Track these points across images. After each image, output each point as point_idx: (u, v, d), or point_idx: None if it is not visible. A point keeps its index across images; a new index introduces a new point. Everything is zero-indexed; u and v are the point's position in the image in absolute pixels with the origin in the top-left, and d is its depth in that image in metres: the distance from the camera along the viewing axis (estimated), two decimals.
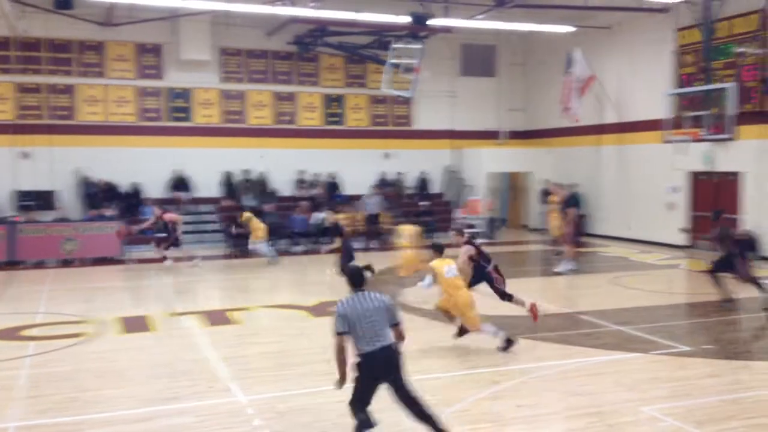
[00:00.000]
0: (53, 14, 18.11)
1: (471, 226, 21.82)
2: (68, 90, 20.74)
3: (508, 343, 8.93)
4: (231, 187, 21.81)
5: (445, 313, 9.30)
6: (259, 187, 21.89)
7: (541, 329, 10.02)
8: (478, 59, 25.28)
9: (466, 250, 9.91)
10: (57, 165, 19.95)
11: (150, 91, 21.58)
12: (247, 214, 17.81)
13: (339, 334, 5.73)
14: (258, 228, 17.49)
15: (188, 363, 8.66)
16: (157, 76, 21.62)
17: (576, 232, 16.59)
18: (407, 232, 13.61)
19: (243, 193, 21.49)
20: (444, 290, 9.04)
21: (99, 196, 19.84)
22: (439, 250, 9.30)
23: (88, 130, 20.77)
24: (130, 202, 20.17)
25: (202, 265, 16.69)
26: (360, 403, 5.75)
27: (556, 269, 15.53)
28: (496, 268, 10.04)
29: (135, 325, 10.82)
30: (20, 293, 13.87)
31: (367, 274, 6.00)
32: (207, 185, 21.58)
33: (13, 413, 6.94)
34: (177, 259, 16.77)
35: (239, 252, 19.07)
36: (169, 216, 16.88)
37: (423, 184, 24.28)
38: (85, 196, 19.89)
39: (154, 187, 20.88)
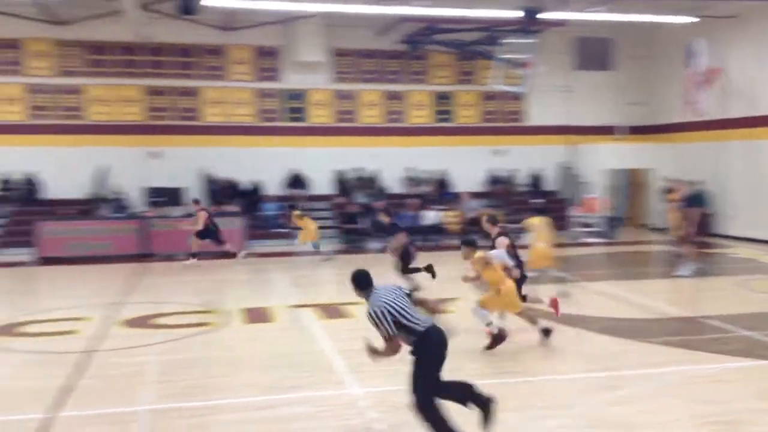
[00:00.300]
0: (179, 20, 19.14)
1: (588, 225, 21.28)
2: (192, 92, 21.89)
3: (496, 340, 8.68)
4: (343, 184, 22.29)
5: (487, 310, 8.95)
6: (369, 184, 22.26)
7: (662, 333, 9.62)
8: (594, 53, 24.50)
9: (501, 242, 9.57)
10: (183, 163, 21.13)
11: (267, 92, 22.41)
12: (297, 212, 17.73)
13: (393, 336, 5.63)
14: (309, 228, 17.41)
15: (306, 354, 8.95)
16: (274, 78, 22.41)
17: (699, 231, 15.76)
18: (537, 224, 12.32)
19: (354, 191, 21.92)
20: (492, 283, 8.73)
21: (221, 193, 20.83)
22: (472, 245, 8.96)
23: (211, 131, 21.84)
24: (250, 199, 21.05)
25: (245, 259, 17.02)
26: (433, 391, 5.58)
27: (677, 272, 14.81)
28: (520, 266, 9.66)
29: (257, 316, 11.29)
30: (152, 284, 14.77)
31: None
32: (321, 183, 22.17)
33: (144, 397, 7.40)
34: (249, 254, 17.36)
35: (353, 247, 19.46)
36: (203, 213, 16.83)
37: (536, 181, 23.84)
38: (209, 193, 20.93)
39: (272, 185, 21.70)
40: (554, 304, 9.64)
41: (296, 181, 21.98)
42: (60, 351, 9.11)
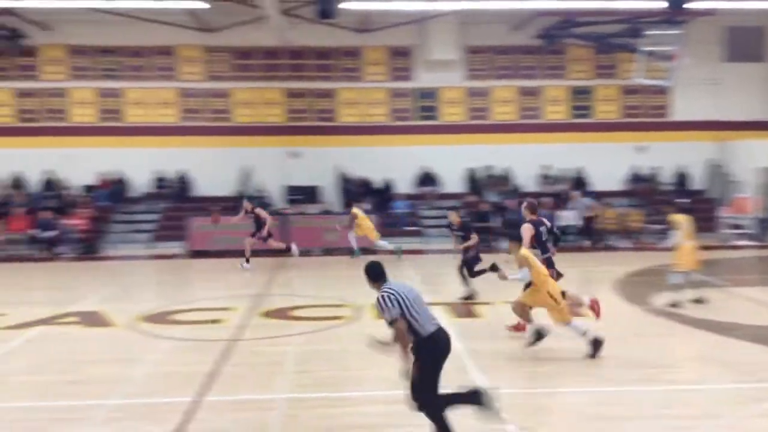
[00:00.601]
0: (317, 24, 19.82)
1: (738, 227, 19.89)
2: (329, 94, 22.59)
3: (595, 345, 8.22)
4: (474, 182, 22.16)
5: (523, 312, 8.75)
6: (502, 182, 21.98)
7: None
8: (745, 43, 22.78)
9: (524, 228, 9.18)
10: (320, 163, 21.86)
11: (400, 92, 22.70)
12: (354, 210, 17.40)
13: (397, 318, 5.48)
14: (365, 226, 17.15)
15: None
16: (406, 77, 22.66)
17: None
18: (683, 221, 11.54)
19: (486, 189, 21.73)
20: (535, 280, 8.44)
21: (355, 191, 21.36)
22: (518, 239, 8.74)
23: (346, 131, 22.43)
24: (382, 197, 21.44)
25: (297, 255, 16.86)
26: (435, 389, 5.51)
27: None
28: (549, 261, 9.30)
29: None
30: (290, 277, 15.42)
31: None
32: (452, 181, 22.17)
33: (282, 385, 7.74)
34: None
35: (484, 247, 19.27)
36: (259, 211, 16.65)
37: (681, 179, 22.54)
38: (344, 192, 21.52)
39: (404, 183, 21.97)
40: (595, 305, 9.09)
41: (427, 179, 22.13)
42: (207, 339, 9.72)
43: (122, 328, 10.47)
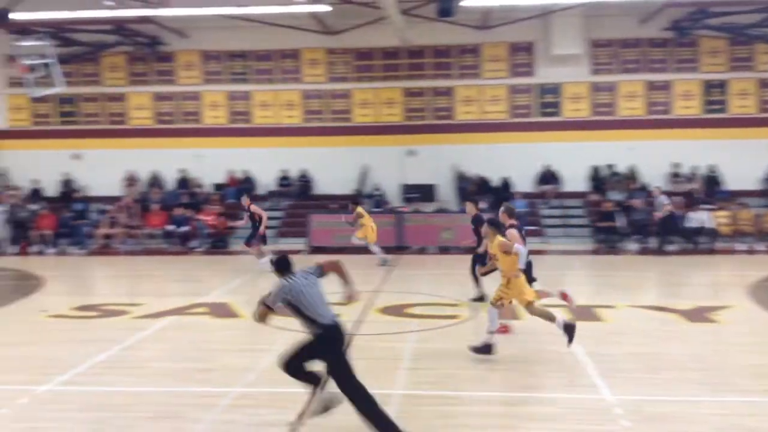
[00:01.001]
0: (437, 23, 19.85)
1: None
2: (448, 92, 22.57)
3: (568, 329, 8.21)
4: (598, 181, 21.43)
5: (500, 305, 8.61)
6: (627, 181, 21.12)
7: None
8: None
9: (511, 233, 8.98)
10: (437, 161, 21.92)
11: (521, 88, 22.32)
12: (358, 210, 16.66)
13: (271, 306, 6.12)
14: (368, 226, 16.35)
15: (554, 354, 8.79)
16: (528, 73, 22.25)
17: None
18: None
19: (610, 188, 20.97)
20: (505, 273, 8.47)
21: (472, 189, 21.22)
22: (497, 227, 8.72)
23: (464, 129, 22.34)
24: (500, 196, 21.14)
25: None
26: (299, 364, 6.17)
27: None
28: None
29: (504, 311, 11.31)
30: (405, 275, 15.57)
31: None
32: (574, 179, 21.57)
33: (398, 381, 7.83)
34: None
35: (608, 248, 18.67)
36: (254, 208, 16.13)
37: None
38: (460, 190, 21.45)
39: (522, 181, 21.59)
40: (564, 296, 9.42)
41: (548, 177, 21.63)
42: None
43: (248, 320, 10.96)
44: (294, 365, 6.23)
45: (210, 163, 22.55)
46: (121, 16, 18.99)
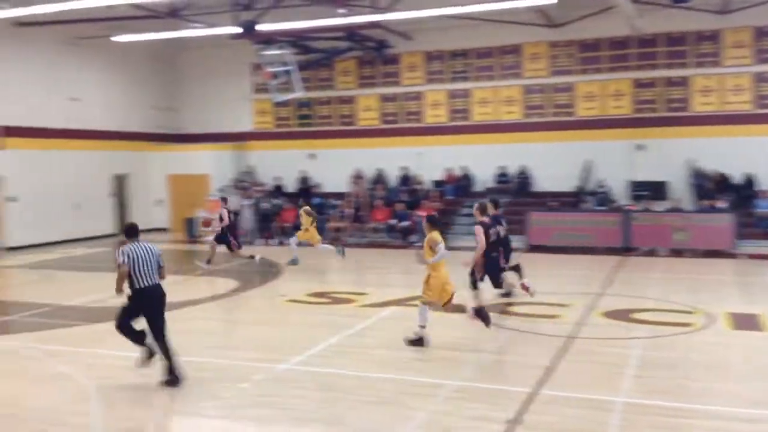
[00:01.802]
0: (671, 9, 18.52)
1: None
2: (682, 82, 20.97)
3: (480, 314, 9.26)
4: None
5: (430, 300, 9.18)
6: None
7: None
8: None
9: (476, 230, 10.33)
10: (668, 156, 20.48)
11: (767, 76, 20.11)
12: (302, 211, 16.63)
13: (123, 263, 7.52)
14: (311, 231, 16.37)
15: None
16: None
17: None
18: None
19: None
20: (430, 268, 9.08)
21: (710, 187, 19.55)
22: (433, 223, 9.30)
23: (700, 121, 20.61)
24: (742, 194, 19.25)
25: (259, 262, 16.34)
26: (128, 322, 7.69)
27: None
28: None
29: (744, 322, 10.37)
30: (631, 278, 14.75)
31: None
32: None
33: (620, 388, 7.47)
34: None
35: None
36: (223, 212, 16.38)
37: None
38: (696, 187, 19.84)
39: None
40: (525, 287, 11.10)
41: None
42: (544, 333, 9.84)
43: (465, 316, 11.11)
44: (121, 323, 7.71)
45: (429, 160, 23.17)
46: (353, 23, 20.18)
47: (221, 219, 16.39)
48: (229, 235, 16.39)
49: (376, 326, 10.52)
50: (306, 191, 24.24)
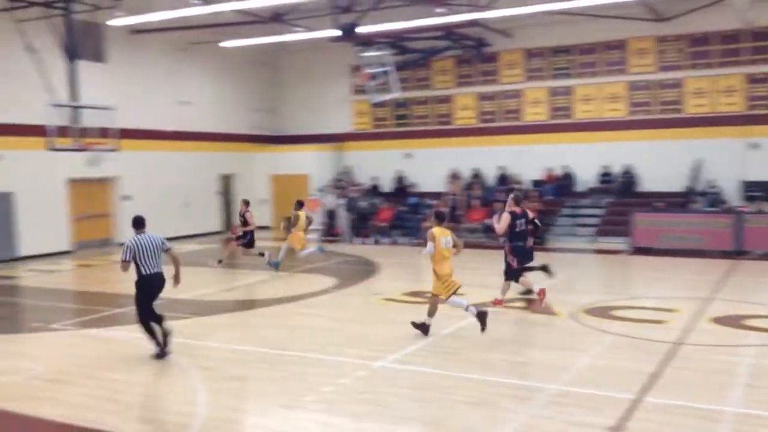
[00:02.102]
0: None
1: None
2: None
3: (481, 317, 9.33)
4: None
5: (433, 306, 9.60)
6: None
7: None
8: None
9: (504, 217, 11.12)
10: None
11: None
12: (299, 213, 16.18)
13: (124, 260, 8.59)
14: (300, 234, 16.08)
15: None
16: None
17: None
18: None
19: None
20: (434, 260, 9.32)
21: None
22: (439, 218, 9.58)
23: None
24: None
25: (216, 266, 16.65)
26: (148, 307, 8.69)
27: None
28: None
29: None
30: (743, 282, 14.00)
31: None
32: None
33: (731, 398, 7.13)
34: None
35: None
36: (249, 216, 16.27)
37: None
38: None
39: None
40: (542, 293, 11.02)
41: None
42: (649, 338, 9.49)
43: (564, 318, 10.89)
44: (140, 313, 8.64)
45: (528, 159, 22.78)
46: (451, 22, 20.13)
47: (245, 222, 16.41)
48: (248, 236, 16.48)
49: (471, 327, 10.45)
50: (402, 191, 24.40)
